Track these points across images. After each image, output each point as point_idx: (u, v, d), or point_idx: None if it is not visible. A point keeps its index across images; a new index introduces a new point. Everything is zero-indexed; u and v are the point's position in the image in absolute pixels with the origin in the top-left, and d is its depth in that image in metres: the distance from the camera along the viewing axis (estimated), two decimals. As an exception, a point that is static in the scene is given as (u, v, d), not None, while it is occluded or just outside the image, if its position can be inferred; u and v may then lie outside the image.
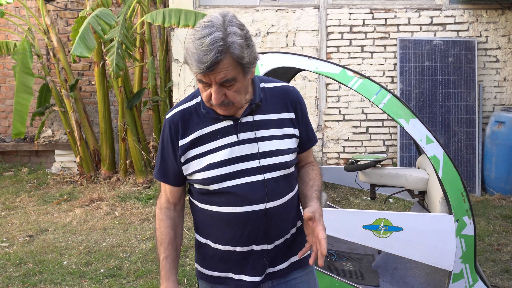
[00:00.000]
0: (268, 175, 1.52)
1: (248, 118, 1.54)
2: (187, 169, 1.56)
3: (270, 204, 1.53)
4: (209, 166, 1.51)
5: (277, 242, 1.58)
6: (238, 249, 1.55)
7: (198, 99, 1.57)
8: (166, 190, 1.64)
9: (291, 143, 1.58)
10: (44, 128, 6.86)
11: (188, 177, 1.58)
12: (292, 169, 1.60)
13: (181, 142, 1.54)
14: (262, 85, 1.61)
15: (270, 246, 1.56)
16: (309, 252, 1.59)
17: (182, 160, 1.55)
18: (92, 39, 4.89)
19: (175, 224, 1.63)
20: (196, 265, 1.68)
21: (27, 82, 5.24)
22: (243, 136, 1.53)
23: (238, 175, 1.51)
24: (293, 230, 1.64)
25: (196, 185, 1.58)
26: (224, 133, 1.53)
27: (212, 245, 1.60)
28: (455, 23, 6.03)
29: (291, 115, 1.60)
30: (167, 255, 1.58)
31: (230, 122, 1.53)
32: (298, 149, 1.63)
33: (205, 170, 1.51)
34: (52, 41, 6.05)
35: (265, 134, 1.55)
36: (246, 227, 1.52)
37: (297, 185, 1.66)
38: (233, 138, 1.52)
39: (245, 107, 1.54)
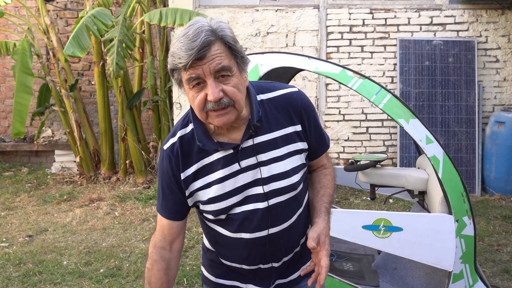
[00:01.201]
0: (273, 201, 1.42)
1: (249, 143, 1.40)
2: (193, 200, 1.46)
3: (273, 230, 1.45)
4: (216, 199, 1.42)
5: (285, 259, 1.52)
6: (245, 267, 1.51)
7: (192, 126, 1.42)
8: (163, 226, 1.48)
9: (299, 160, 1.46)
10: (44, 128, 6.86)
11: (194, 206, 1.51)
12: (301, 186, 1.49)
13: (184, 175, 1.42)
14: (260, 97, 1.45)
15: (276, 264, 1.51)
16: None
17: (187, 193, 1.44)
18: (86, 39, 4.88)
19: (169, 267, 1.48)
20: (202, 269, 1.62)
21: (26, 82, 5.24)
22: (245, 163, 1.41)
23: (244, 202, 1.43)
24: (303, 240, 1.57)
25: (203, 212, 1.50)
26: (225, 163, 1.41)
27: (220, 256, 1.55)
28: (455, 23, 6.03)
29: (297, 127, 1.45)
30: None
31: (230, 151, 1.40)
32: (308, 162, 1.52)
33: (211, 202, 1.42)
34: (51, 41, 6.05)
35: (267, 157, 1.42)
36: (251, 251, 1.47)
37: (307, 196, 1.56)
38: (235, 167, 1.41)
39: (243, 130, 1.41)
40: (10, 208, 5.23)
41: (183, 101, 6.05)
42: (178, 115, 6.04)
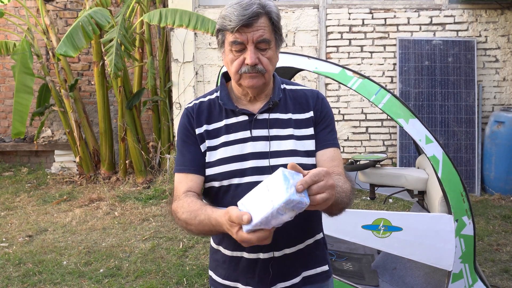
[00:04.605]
0: None
1: (264, 116, 1.51)
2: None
3: None
4: (221, 161, 1.48)
5: (287, 251, 1.49)
6: (245, 255, 1.50)
7: (217, 93, 1.57)
8: (186, 183, 1.47)
9: (309, 145, 1.51)
10: (43, 128, 6.86)
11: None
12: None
13: (198, 131, 1.52)
14: (283, 86, 1.58)
15: (277, 253, 1.48)
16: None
17: (202, 149, 1.51)
18: (81, 38, 4.88)
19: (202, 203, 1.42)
20: (210, 273, 1.63)
21: (27, 82, 5.24)
22: (256, 133, 1.49)
23: (247, 173, 1.46)
24: (310, 241, 1.54)
25: (206, 184, 1.52)
26: (237, 128, 1.50)
27: (223, 250, 1.55)
28: (455, 23, 6.03)
29: (311, 113, 1.54)
30: (207, 207, 1.36)
31: (245, 118, 1.50)
32: (316, 149, 1.51)
33: (216, 165, 1.48)
34: (51, 41, 6.06)
35: (279, 133, 1.49)
36: None
37: None
38: (246, 134, 1.49)
39: (262, 104, 1.52)
40: (10, 208, 5.23)
41: (182, 101, 6.05)
42: (177, 115, 6.04)
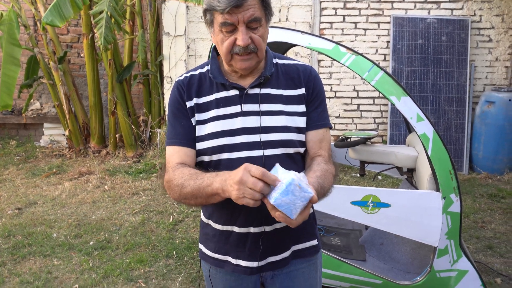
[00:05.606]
0: (268, 152, 1.44)
1: (255, 90, 1.49)
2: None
3: None
4: (210, 136, 1.47)
5: (278, 226, 1.49)
6: (236, 229, 1.50)
7: (208, 67, 1.54)
8: (179, 156, 1.47)
9: (300, 122, 1.50)
10: (32, 100, 6.79)
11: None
12: (299, 150, 1.50)
13: (188, 104, 1.50)
14: (275, 60, 1.56)
15: (268, 228, 1.49)
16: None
17: (193, 122, 1.50)
18: (68, 8, 4.77)
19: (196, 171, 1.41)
20: (200, 246, 1.64)
21: (14, 53, 5.15)
22: (247, 107, 1.47)
23: (237, 148, 1.45)
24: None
25: (197, 158, 1.51)
26: (228, 102, 1.48)
27: (213, 224, 1.56)
28: (450, 1, 5.99)
29: (302, 90, 1.52)
30: (202, 173, 1.37)
31: (236, 92, 1.48)
32: (307, 128, 1.51)
33: (205, 139, 1.47)
34: (39, 11, 5.93)
35: (270, 108, 1.48)
36: (243, 205, 1.35)
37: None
38: (236, 109, 1.47)
39: (254, 78, 1.49)
40: (-1, 180, 5.21)
41: (173, 75, 6.00)
42: (168, 89, 6.00)
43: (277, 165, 1.28)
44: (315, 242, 1.60)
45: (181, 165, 1.46)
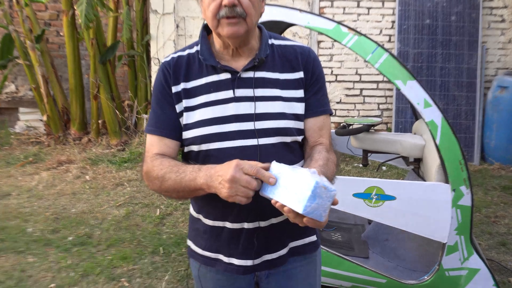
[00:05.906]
0: (263, 140, 1.42)
1: (249, 74, 1.45)
2: (181, 122, 1.47)
3: None
4: (199, 123, 1.43)
5: (274, 221, 1.49)
6: (228, 225, 1.48)
7: (198, 47, 1.50)
8: (160, 146, 1.47)
9: (298, 108, 1.48)
10: (6, 83, 6.73)
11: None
12: (297, 138, 1.48)
13: (174, 89, 1.46)
14: (271, 41, 1.52)
15: (263, 223, 1.48)
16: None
17: (178, 110, 1.46)
18: None
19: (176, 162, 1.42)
20: (189, 242, 1.62)
21: (-14, 31, 5.07)
22: (240, 93, 1.44)
23: (229, 137, 1.42)
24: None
25: (185, 148, 1.50)
26: (219, 87, 1.44)
27: (203, 219, 1.53)
28: (461, -23, 5.93)
29: (300, 74, 1.50)
30: (183, 165, 1.38)
31: (227, 76, 1.44)
32: (305, 115, 1.51)
33: (194, 127, 1.44)
34: (14, -15, 5.83)
35: (265, 93, 1.45)
36: None
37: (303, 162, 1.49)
38: (228, 94, 1.44)
39: (247, 60, 1.46)
40: (-30, 170, 5.16)
41: (161, 56, 5.94)
42: (156, 71, 5.93)
43: (274, 162, 1.27)
44: (314, 238, 1.59)
45: (160, 156, 1.45)
